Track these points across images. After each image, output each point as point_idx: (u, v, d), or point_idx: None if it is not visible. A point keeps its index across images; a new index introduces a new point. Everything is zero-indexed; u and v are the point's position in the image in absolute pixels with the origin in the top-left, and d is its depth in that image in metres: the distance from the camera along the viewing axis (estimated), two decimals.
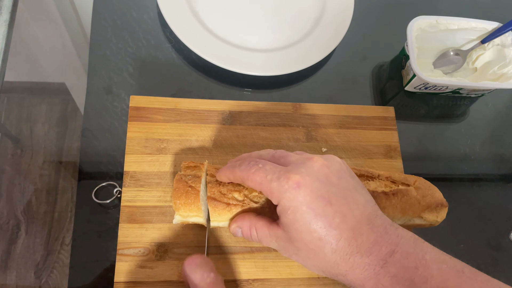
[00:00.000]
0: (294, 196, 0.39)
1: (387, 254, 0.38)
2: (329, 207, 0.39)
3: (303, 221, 0.39)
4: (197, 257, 0.45)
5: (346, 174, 0.43)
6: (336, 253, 0.39)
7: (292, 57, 0.65)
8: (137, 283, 0.49)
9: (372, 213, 0.40)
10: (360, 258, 0.38)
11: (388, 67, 0.71)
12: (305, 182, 0.39)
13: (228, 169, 0.45)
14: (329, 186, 0.40)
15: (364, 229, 0.39)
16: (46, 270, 0.51)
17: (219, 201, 0.47)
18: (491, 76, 0.66)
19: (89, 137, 0.57)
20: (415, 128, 0.67)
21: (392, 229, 0.40)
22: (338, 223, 0.38)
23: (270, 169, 0.41)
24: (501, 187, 0.66)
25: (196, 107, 0.59)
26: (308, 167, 0.41)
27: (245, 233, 0.46)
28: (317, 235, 0.39)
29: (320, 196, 0.39)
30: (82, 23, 0.70)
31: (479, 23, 0.67)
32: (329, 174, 0.41)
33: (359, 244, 0.38)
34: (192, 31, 0.64)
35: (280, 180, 0.40)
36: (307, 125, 0.61)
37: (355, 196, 0.41)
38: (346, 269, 0.39)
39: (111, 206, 0.54)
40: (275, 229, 0.43)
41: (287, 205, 0.40)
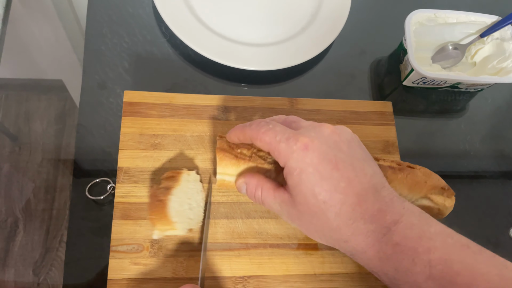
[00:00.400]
0: (301, 157, 0.39)
1: (391, 222, 0.38)
2: (335, 171, 0.38)
3: (309, 183, 0.39)
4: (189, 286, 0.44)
5: (356, 144, 0.43)
6: (339, 217, 0.38)
7: (289, 51, 0.65)
8: (130, 280, 0.48)
9: (379, 183, 0.40)
10: (364, 224, 0.38)
11: (386, 62, 0.70)
12: (313, 145, 0.39)
13: (238, 128, 0.45)
14: (337, 152, 0.40)
15: (370, 196, 0.39)
16: (44, 267, 0.51)
17: (228, 152, 0.47)
18: (490, 71, 0.65)
19: (83, 133, 0.57)
20: (413, 123, 0.67)
21: (398, 201, 0.39)
22: (344, 188, 0.38)
23: (280, 130, 0.41)
24: (501, 183, 0.65)
25: (191, 102, 0.58)
26: (317, 132, 0.41)
27: (250, 191, 0.45)
28: (322, 198, 0.38)
29: (327, 159, 0.39)
30: (78, 18, 0.69)
31: (478, 16, 0.66)
32: (338, 141, 0.41)
33: (363, 211, 0.38)
34: (188, 26, 0.63)
35: (289, 141, 0.40)
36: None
37: (363, 165, 0.41)
38: (348, 235, 0.39)
39: (105, 203, 0.53)
40: (281, 192, 0.43)
41: (294, 166, 0.39)
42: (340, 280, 0.52)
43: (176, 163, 0.55)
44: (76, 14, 0.70)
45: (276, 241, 0.53)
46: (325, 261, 0.52)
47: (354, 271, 0.52)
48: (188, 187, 0.50)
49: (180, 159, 0.55)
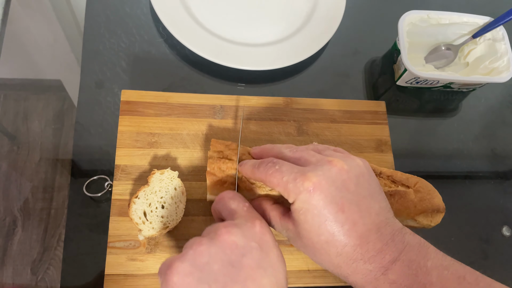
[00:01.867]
0: (307, 198, 0.39)
1: (390, 262, 0.38)
2: (340, 214, 0.39)
3: (313, 224, 0.39)
4: (229, 192, 0.45)
5: (365, 179, 0.42)
6: (340, 257, 0.39)
7: (284, 51, 0.65)
8: (127, 275, 0.49)
9: (383, 221, 0.41)
10: (363, 264, 0.39)
11: (380, 62, 0.71)
12: (320, 186, 0.39)
13: (249, 168, 0.46)
14: (344, 193, 0.40)
15: (372, 237, 0.39)
16: (42, 266, 0.51)
17: (217, 176, 0.48)
18: (483, 71, 0.66)
19: (81, 131, 0.58)
20: (407, 123, 0.68)
21: (399, 237, 0.40)
22: (347, 230, 0.39)
23: (287, 171, 0.41)
24: (493, 182, 0.66)
25: (188, 101, 0.59)
26: (326, 171, 0.40)
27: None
28: (325, 239, 0.39)
29: (333, 202, 0.39)
30: (76, 18, 0.70)
31: (470, 17, 0.67)
32: (346, 180, 0.41)
33: (364, 252, 0.39)
34: (185, 26, 0.64)
35: (296, 182, 0.40)
36: (299, 119, 0.61)
37: (369, 203, 0.41)
38: (348, 272, 0.40)
39: (103, 200, 0.54)
40: (286, 221, 0.43)
41: (300, 206, 0.40)
42: (333, 276, 0.53)
43: (173, 161, 0.55)
44: (74, 14, 0.71)
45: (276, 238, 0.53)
46: None
47: None
48: (161, 186, 0.51)
49: (176, 157, 0.56)
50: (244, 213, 0.41)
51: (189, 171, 0.55)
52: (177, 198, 0.51)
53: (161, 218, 0.50)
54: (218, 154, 0.50)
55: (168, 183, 0.51)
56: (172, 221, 0.50)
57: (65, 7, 0.72)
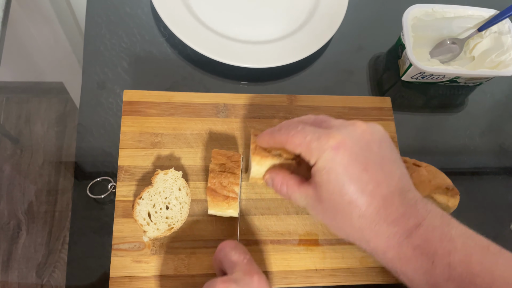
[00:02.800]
0: (331, 156, 0.39)
1: (413, 226, 0.38)
2: (364, 173, 0.39)
3: (336, 183, 0.39)
4: (231, 241, 0.45)
5: (387, 144, 0.42)
6: (362, 218, 0.39)
7: (287, 48, 0.65)
8: (132, 277, 0.49)
9: (405, 186, 0.40)
10: (386, 227, 0.38)
11: (385, 58, 0.70)
12: (344, 144, 0.39)
13: (267, 134, 0.45)
14: (368, 153, 0.40)
15: (395, 200, 0.39)
16: (47, 269, 0.51)
17: (218, 193, 0.48)
18: (489, 64, 0.65)
19: (84, 133, 0.57)
20: (412, 118, 0.67)
21: (422, 204, 0.40)
22: (371, 190, 0.38)
23: (310, 131, 0.41)
24: (501, 178, 0.65)
25: (190, 101, 0.59)
26: (350, 131, 0.40)
27: (275, 186, 0.46)
28: (348, 198, 0.39)
29: (357, 160, 0.39)
30: (77, 20, 0.70)
31: (475, 10, 0.66)
32: (370, 141, 0.40)
33: (388, 214, 0.38)
34: (186, 25, 0.64)
35: (320, 140, 0.39)
36: None
37: (392, 167, 0.41)
38: (371, 236, 0.39)
39: (107, 201, 0.54)
40: (305, 187, 0.43)
41: (323, 165, 0.39)
42: (342, 275, 0.52)
43: (176, 161, 0.55)
44: (75, 15, 0.70)
45: (277, 237, 0.53)
46: (326, 256, 0.53)
47: (355, 266, 0.53)
48: (165, 186, 0.50)
49: (180, 157, 0.55)
50: (244, 266, 0.41)
51: (193, 171, 0.55)
52: (181, 199, 0.50)
53: (166, 219, 0.49)
54: (219, 168, 0.49)
55: (172, 183, 0.50)
56: (177, 222, 0.49)
57: (66, 8, 0.71)
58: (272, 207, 0.54)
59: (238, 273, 0.41)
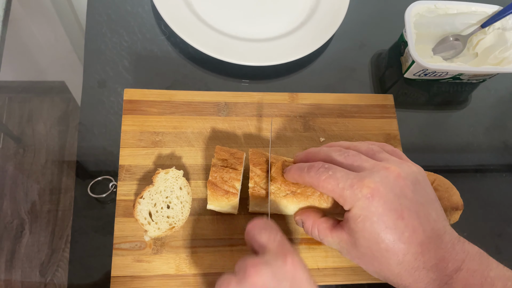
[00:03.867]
0: (366, 205, 0.39)
1: (453, 270, 0.38)
2: (400, 221, 0.38)
3: (372, 231, 0.39)
4: (261, 220, 0.42)
5: (421, 186, 0.42)
6: (401, 265, 0.39)
7: (289, 46, 0.64)
8: (134, 277, 0.48)
9: (441, 229, 0.40)
10: (426, 273, 0.38)
11: (387, 55, 0.70)
12: (379, 193, 0.39)
13: (296, 172, 0.45)
14: (402, 199, 0.39)
15: (432, 245, 0.39)
16: (51, 268, 0.51)
17: (219, 187, 0.48)
18: (492, 61, 0.65)
19: (84, 132, 0.57)
20: (415, 116, 0.66)
21: (459, 245, 0.39)
22: (408, 238, 0.38)
23: (342, 177, 0.41)
24: (505, 175, 0.64)
25: (191, 99, 0.58)
26: (383, 177, 0.40)
27: (306, 229, 0.46)
28: (385, 246, 0.39)
29: (392, 209, 0.38)
30: (78, 18, 0.69)
31: (478, 6, 0.65)
32: (404, 186, 0.40)
33: (426, 260, 0.38)
34: (187, 23, 0.63)
35: (354, 188, 0.39)
36: (305, 115, 0.60)
37: (427, 210, 0.40)
38: (410, 282, 0.39)
39: (108, 201, 0.53)
40: (338, 232, 0.42)
41: (358, 213, 0.39)
42: (344, 274, 0.52)
43: (177, 160, 0.55)
44: (76, 14, 0.70)
45: None
46: (328, 255, 0.52)
47: (357, 265, 0.52)
48: (166, 186, 0.50)
49: (181, 156, 0.55)
50: (275, 247, 0.39)
51: (194, 170, 0.55)
52: (182, 198, 0.50)
53: (167, 218, 0.49)
54: (221, 163, 0.49)
55: (173, 182, 0.50)
56: (178, 221, 0.49)
57: (66, 7, 0.71)
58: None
59: (270, 255, 0.38)
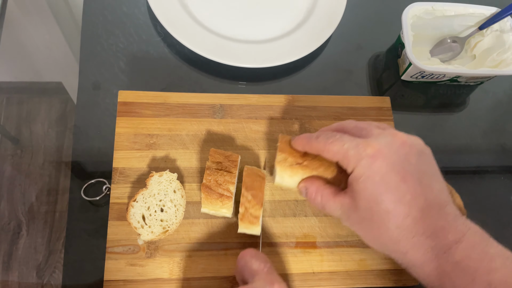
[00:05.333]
0: (369, 164, 0.39)
1: (453, 241, 0.38)
2: (402, 183, 0.38)
3: (374, 191, 0.39)
4: (251, 250, 0.44)
5: (426, 157, 0.42)
6: (399, 229, 0.38)
7: (285, 48, 0.64)
8: (127, 281, 0.48)
9: (444, 200, 0.40)
10: (425, 239, 0.38)
11: (384, 57, 0.69)
12: (382, 153, 0.39)
13: (304, 138, 0.45)
14: (406, 164, 0.39)
15: (434, 213, 0.39)
16: (48, 270, 0.51)
17: (213, 190, 0.47)
18: (490, 63, 0.64)
19: (79, 134, 0.57)
20: (412, 118, 0.66)
21: (461, 219, 0.39)
22: (409, 201, 0.38)
23: (348, 139, 0.41)
24: (503, 178, 0.64)
25: (186, 101, 0.58)
26: (389, 140, 0.40)
27: (310, 195, 0.46)
28: (385, 207, 0.38)
29: (395, 170, 0.38)
30: (75, 19, 0.69)
31: (476, 8, 0.65)
32: (408, 152, 0.40)
33: (426, 226, 0.38)
34: (182, 25, 0.63)
35: (358, 148, 0.39)
36: (301, 117, 0.60)
37: (430, 180, 0.40)
38: (407, 248, 0.39)
39: (102, 204, 0.53)
40: (341, 197, 0.42)
41: (361, 173, 0.39)
42: (339, 278, 0.51)
43: (172, 163, 0.54)
44: (72, 15, 0.70)
45: (274, 239, 0.52)
46: (324, 259, 0.52)
47: (353, 269, 0.52)
48: (159, 189, 0.50)
49: (176, 159, 0.55)
50: (264, 274, 0.41)
51: (188, 172, 0.54)
52: (176, 201, 0.50)
53: (160, 222, 0.49)
54: (216, 165, 0.49)
55: (167, 185, 0.50)
56: (171, 225, 0.49)
57: (63, 8, 0.71)
58: (269, 209, 0.54)
59: (259, 282, 0.40)
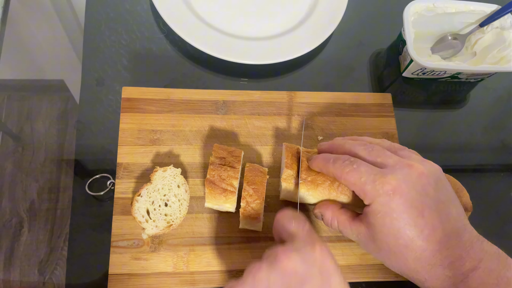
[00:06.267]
0: (387, 201, 0.39)
1: (470, 269, 0.38)
2: (420, 219, 0.39)
3: (392, 227, 0.39)
4: (289, 211, 0.43)
5: (443, 184, 0.42)
6: (418, 261, 0.39)
7: (287, 45, 0.64)
8: (132, 275, 0.49)
9: (461, 227, 0.40)
10: (442, 270, 0.39)
11: (386, 54, 0.70)
12: (400, 190, 0.39)
13: (321, 161, 0.45)
14: (424, 197, 0.39)
15: (451, 243, 0.39)
16: (49, 267, 0.51)
17: (217, 185, 0.48)
18: (491, 60, 0.65)
19: (83, 130, 0.57)
20: (413, 115, 0.66)
21: (477, 244, 0.40)
22: (427, 235, 0.39)
23: (365, 171, 0.41)
24: (503, 174, 0.64)
25: (189, 97, 0.58)
26: (405, 174, 0.40)
27: (326, 221, 0.46)
28: (403, 243, 0.39)
29: (413, 206, 0.39)
30: (77, 16, 0.69)
31: (477, 6, 0.65)
32: (426, 184, 0.40)
33: (443, 257, 0.39)
34: (185, 21, 0.63)
35: (375, 184, 0.40)
36: (303, 113, 0.60)
37: (448, 208, 0.41)
38: (426, 278, 0.40)
39: (106, 199, 0.53)
40: (357, 225, 0.43)
41: (378, 209, 0.40)
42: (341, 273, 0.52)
43: (175, 158, 0.55)
44: (74, 12, 0.70)
45: None
46: None
47: (355, 263, 0.52)
48: (163, 184, 0.50)
49: (179, 154, 0.55)
50: (304, 236, 0.40)
51: (192, 168, 0.55)
52: (180, 196, 0.50)
53: (165, 216, 0.49)
54: (220, 161, 0.49)
55: (171, 180, 0.50)
56: (175, 219, 0.49)
57: (65, 5, 0.71)
58: (272, 203, 0.54)
59: (299, 243, 0.39)
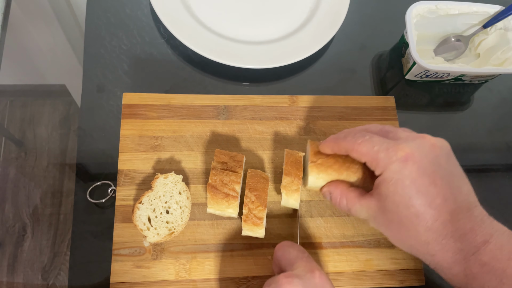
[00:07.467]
0: (400, 168, 0.39)
1: (481, 242, 0.38)
2: (432, 187, 0.39)
3: (403, 195, 0.39)
4: (288, 241, 0.46)
5: (453, 159, 0.42)
6: (429, 232, 0.39)
7: (289, 48, 0.64)
8: (133, 283, 0.48)
9: (472, 203, 0.40)
10: (453, 242, 0.38)
11: (388, 56, 0.69)
12: (413, 157, 0.39)
13: (332, 140, 0.45)
14: (436, 167, 0.39)
15: (462, 215, 0.39)
16: (53, 272, 0.51)
17: (219, 190, 0.48)
18: (495, 61, 0.64)
19: (83, 136, 0.57)
20: (417, 117, 0.66)
21: (489, 221, 0.40)
22: (438, 204, 0.38)
23: (378, 141, 0.41)
24: (509, 177, 0.64)
25: (191, 103, 0.58)
26: (419, 144, 0.40)
27: (334, 199, 0.46)
28: (415, 211, 0.39)
29: (426, 174, 0.39)
30: (77, 22, 0.69)
31: (480, 7, 0.65)
32: (439, 155, 0.40)
33: (455, 229, 0.38)
34: (186, 26, 0.63)
35: (389, 151, 0.40)
36: (305, 117, 0.60)
37: (459, 182, 0.41)
38: (436, 250, 0.39)
39: (107, 206, 0.53)
40: (367, 199, 0.43)
41: (390, 176, 0.39)
42: (345, 279, 0.51)
43: (177, 165, 0.54)
44: (75, 17, 0.70)
45: (280, 240, 0.52)
46: (330, 259, 0.52)
47: (359, 269, 0.52)
48: (165, 190, 0.50)
49: (180, 160, 0.55)
50: (303, 263, 0.41)
51: (193, 174, 0.54)
52: (182, 203, 0.50)
53: (166, 224, 0.49)
54: (221, 166, 0.49)
55: (172, 187, 0.50)
56: (177, 226, 0.49)
57: (66, 10, 0.71)
58: (275, 210, 0.54)
59: (299, 269, 0.40)
